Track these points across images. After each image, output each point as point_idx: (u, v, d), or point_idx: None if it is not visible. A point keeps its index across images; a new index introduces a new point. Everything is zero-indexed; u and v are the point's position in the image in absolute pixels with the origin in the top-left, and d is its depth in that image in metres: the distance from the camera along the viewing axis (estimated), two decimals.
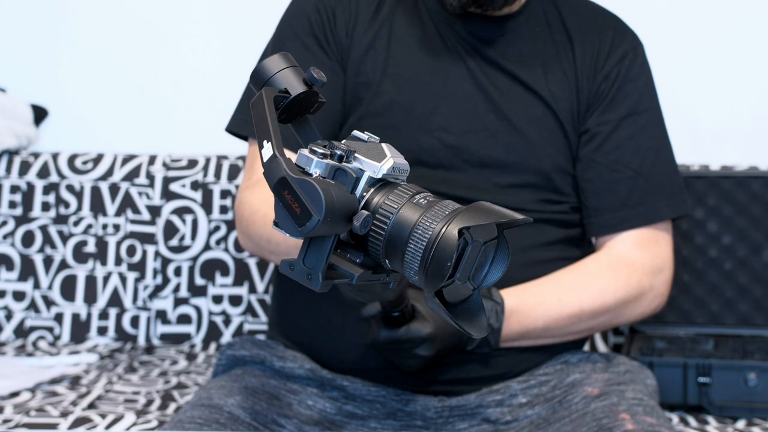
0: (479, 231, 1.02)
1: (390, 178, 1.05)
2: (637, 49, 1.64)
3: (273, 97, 1.09)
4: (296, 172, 1.01)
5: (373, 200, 1.03)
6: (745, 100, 2.32)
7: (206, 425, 1.38)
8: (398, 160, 1.06)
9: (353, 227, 1.01)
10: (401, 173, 1.06)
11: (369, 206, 1.03)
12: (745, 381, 1.80)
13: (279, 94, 1.10)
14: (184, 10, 2.42)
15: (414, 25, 1.60)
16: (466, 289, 1.04)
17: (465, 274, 1.02)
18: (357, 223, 1.00)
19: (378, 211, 1.03)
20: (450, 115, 1.56)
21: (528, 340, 1.53)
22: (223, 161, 2.26)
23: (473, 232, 1.01)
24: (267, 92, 1.09)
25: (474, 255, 1.02)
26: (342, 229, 1.01)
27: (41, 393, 1.86)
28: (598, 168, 1.59)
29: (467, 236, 1.01)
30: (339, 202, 1.00)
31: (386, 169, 1.04)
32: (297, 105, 1.11)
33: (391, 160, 1.05)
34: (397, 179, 1.05)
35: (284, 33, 1.61)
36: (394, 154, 1.06)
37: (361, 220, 1.00)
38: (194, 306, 2.20)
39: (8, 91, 2.40)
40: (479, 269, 1.04)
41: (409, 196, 1.03)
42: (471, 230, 1.00)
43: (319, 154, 1.02)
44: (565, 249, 1.60)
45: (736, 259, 2.04)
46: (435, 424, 1.50)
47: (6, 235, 2.23)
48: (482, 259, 1.03)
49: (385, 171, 1.04)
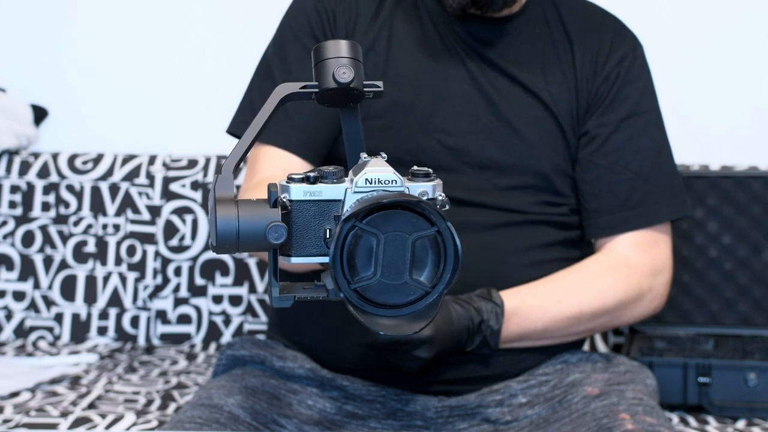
0: (380, 222, 1.00)
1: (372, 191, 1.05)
2: (637, 51, 1.64)
3: (285, 95, 1.10)
4: (224, 192, 1.04)
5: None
6: (745, 101, 2.32)
7: (206, 425, 1.38)
8: (374, 173, 1.06)
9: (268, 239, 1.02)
10: (378, 183, 1.05)
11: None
12: (745, 381, 1.80)
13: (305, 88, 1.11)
14: (184, 11, 2.42)
15: (414, 27, 1.60)
16: (413, 288, 1.03)
17: (365, 268, 1.01)
18: (268, 235, 1.02)
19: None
20: (449, 116, 1.56)
21: (527, 342, 1.53)
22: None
23: (372, 224, 1.00)
24: (283, 89, 1.11)
25: (381, 247, 1.00)
26: (263, 246, 1.03)
27: (41, 393, 1.86)
28: (598, 170, 1.59)
29: (344, 227, 1.00)
30: (244, 223, 1.02)
31: (360, 183, 1.05)
32: (335, 95, 1.11)
33: (365, 174, 1.06)
34: (375, 191, 1.05)
35: (284, 34, 1.61)
36: (376, 167, 1.06)
37: (270, 230, 1.02)
38: (194, 306, 2.20)
39: (8, 91, 2.40)
40: (398, 264, 1.01)
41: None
42: (367, 222, 1.00)
43: (296, 180, 1.06)
44: (564, 250, 1.60)
45: (736, 259, 2.04)
46: (435, 424, 1.50)
47: (6, 235, 2.23)
48: (401, 253, 1.01)
49: (360, 185, 1.05)
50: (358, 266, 1.01)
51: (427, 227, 1.01)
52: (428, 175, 1.08)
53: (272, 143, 1.56)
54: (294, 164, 1.55)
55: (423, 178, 1.08)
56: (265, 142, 1.56)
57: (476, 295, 1.48)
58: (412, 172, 1.08)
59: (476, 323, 1.45)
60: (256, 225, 1.03)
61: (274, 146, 1.56)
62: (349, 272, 1.01)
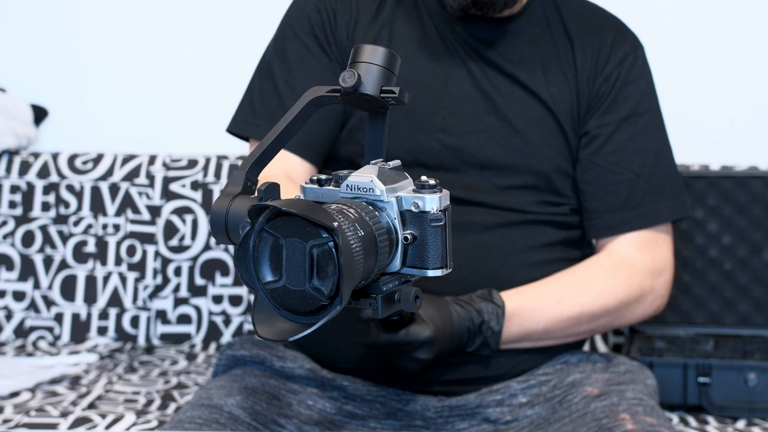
0: (280, 226, 1.01)
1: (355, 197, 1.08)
2: (638, 51, 1.64)
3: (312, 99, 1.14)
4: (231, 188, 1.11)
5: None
6: (745, 101, 2.32)
7: (206, 425, 1.38)
8: (354, 180, 1.09)
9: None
10: (358, 190, 1.09)
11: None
12: (745, 381, 1.80)
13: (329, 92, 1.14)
14: (184, 11, 2.42)
15: (414, 27, 1.60)
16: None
17: (274, 272, 1.03)
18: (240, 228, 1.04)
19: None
20: (450, 116, 1.56)
21: (528, 342, 1.53)
22: (223, 161, 2.26)
23: (274, 227, 1.01)
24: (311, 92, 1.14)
25: (284, 252, 1.01)
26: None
27: (41, 393, 1.86)
28: (598, 170, 1.59)
29: (246, 226, 1.02)
30: (231, 215, 1.08)
31: (344, 189, 1.09)
32: (359, 100, 1.14)
33: (347, 181, 1.09)
34: (358, 197, 1.08)
35: (285, 33, 1.61)
36: (360, 173, 1.09)
37: (243, 223, 1.04)
38: (194, 306, 2.20)
39: (8, 91, 2.40)
40: (299, 271, 1.01)
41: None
42: (270, 225, 1.01)
43: (311, 182, 1.13)
44: (565, 250, 1.60)
45: (736, 259, 2.04)
46: (435, 423, 1.50)
47: (6, 235, 2.23)
48: (300, 259, 1.02)
49: (343, 191, 1.10)
50: (265, 268, 1.03)
51: (325, 238, 1.00)
52: (434, 187, 1.09)
53: None
54: (294, 163, 1.55)
55: (428, 190, 1.09)
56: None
57: (477, 296, 1.48)
58: (418, 183, 1.09)
59: (477, 324, 1.45)
60: (240, 217, 1.06)
61: None
62: (258, 273, 1.03)
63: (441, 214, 1.09)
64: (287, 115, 1.15)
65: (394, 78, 1.15)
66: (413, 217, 1.10)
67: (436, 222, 1.09)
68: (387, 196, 1.09)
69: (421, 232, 1.10)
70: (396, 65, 1.16)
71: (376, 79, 1.13)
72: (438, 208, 1.09)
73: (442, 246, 1.11)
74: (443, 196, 1.10)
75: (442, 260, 1.12)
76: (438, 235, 1.10)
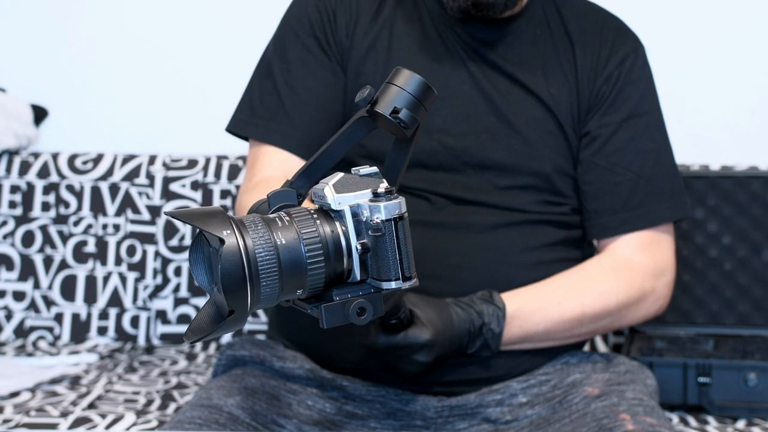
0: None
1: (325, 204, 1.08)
2: (638, 51, 1.64)
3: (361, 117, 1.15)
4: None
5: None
6: (745, 101, 2.32)
7: (206, 425, 1.38)
8: (316, 187, 1.09)
9: None
10: (319, 198, 1.09)
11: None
12: (745, 381, 1.80)
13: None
14: (184, 11, 2.42)
15: (414, 28, 1.60)
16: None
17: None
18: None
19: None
20: (450, 117, 1.56)
21: (529, 344, 1.53)
22: (223, 161, 2.26)
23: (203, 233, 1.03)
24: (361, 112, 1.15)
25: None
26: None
27: (41, 393, 1.86)
28: (599, 170, 1.59)
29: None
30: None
31: (313, 196, 1.10)
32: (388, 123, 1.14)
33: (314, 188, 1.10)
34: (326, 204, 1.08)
35: (285, 34, 1.61)
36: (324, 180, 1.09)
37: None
38: (194, 306, 2.20)
39: (8, 91, 2.40)
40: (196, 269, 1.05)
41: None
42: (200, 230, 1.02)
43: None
44: (565, 250, 1.59)
45: (736, 259, 2.04)
46: (435, 423, 1.50)
47: (6, 235, 2.23)
48: (207, 263, 1.05)
49: (313, 198, 1.10)
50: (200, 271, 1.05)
51: (215, 244, 1.01)
52: (389, 193, 1.06)
53: (272, 143, 1.56)
54: (294, 164, 1.54)
55: (382, 198, 1.06)
56: (265, 142, 1.56)
57: (477, 297, 1.48)
58: (374, 192, 1.07)
59: (477, 326, 1.45)
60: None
61: (274, 146, 1.56)
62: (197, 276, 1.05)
63: (380, 223, 1.05)
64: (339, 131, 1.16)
65: (421, 109, 1.12)
66: (367, 226, 1.07)
67: (375, 232, 1.06)
68: (338, 205, 1.06)
69: (374, 242, 1.07)
70: (427, 97, 1.12)
71: (393, 102, 1.11)
72: (381, 218, 1.05)
73: (392, 257, 1.06)
74: (390, 205, 1.06)
75: (395, 272, 1.06)
76: (385, 246, 1.06)
